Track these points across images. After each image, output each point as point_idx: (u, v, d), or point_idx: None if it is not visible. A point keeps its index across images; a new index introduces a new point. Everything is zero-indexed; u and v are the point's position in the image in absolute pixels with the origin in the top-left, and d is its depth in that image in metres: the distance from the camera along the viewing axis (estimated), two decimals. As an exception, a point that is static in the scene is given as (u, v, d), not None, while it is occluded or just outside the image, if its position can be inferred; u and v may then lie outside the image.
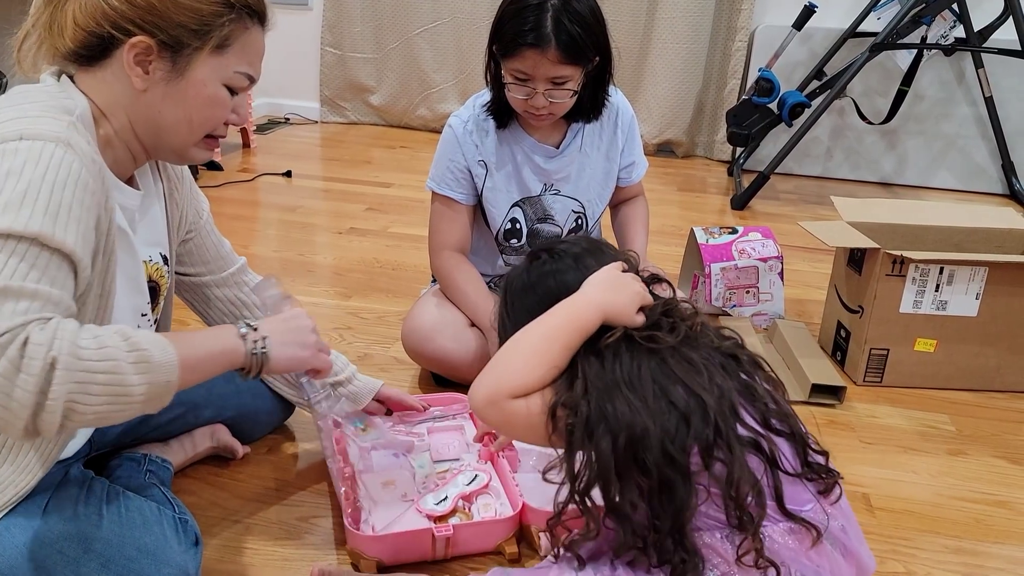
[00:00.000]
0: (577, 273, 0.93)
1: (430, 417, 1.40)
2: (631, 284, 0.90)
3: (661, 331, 0.86)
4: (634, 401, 0.81)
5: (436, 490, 1.20)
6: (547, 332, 0.87)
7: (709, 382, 0.83)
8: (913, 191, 3.47)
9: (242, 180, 3.01)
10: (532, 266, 0.96)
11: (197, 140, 0.98)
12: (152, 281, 1.07)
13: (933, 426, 1.57)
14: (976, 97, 3.29)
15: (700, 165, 3.72)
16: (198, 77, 0.93)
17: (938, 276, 1.62)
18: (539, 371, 0.85)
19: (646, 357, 0.84)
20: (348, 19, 3.91)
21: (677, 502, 0.80)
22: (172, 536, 0.99)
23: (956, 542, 1.24)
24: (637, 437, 0.79)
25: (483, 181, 1.56)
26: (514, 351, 0.88)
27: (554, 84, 1.38)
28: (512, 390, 0.85)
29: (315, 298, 2.01)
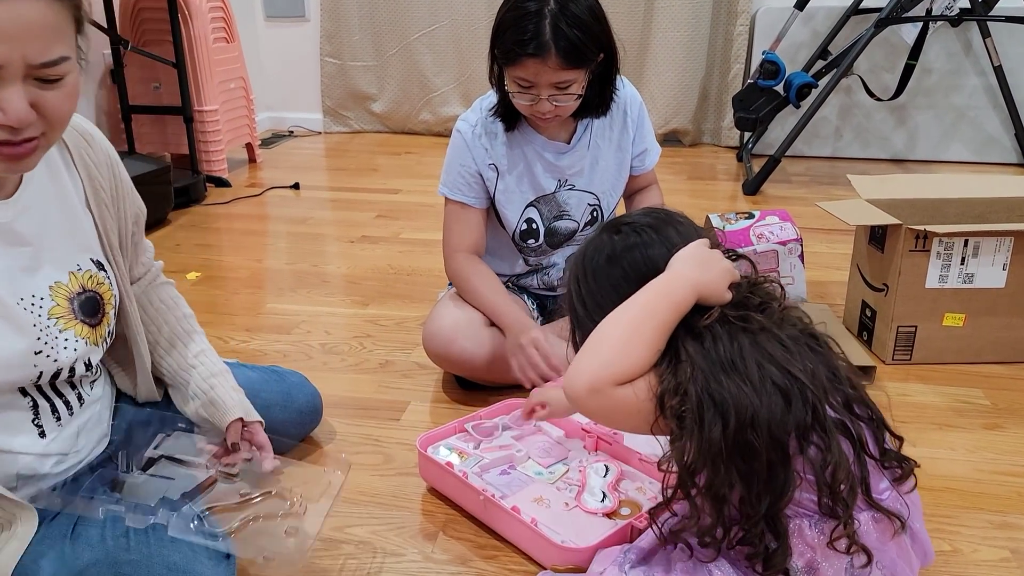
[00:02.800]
0: (662, 247, 0.89)
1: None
2: (720, 260, 0.87)
3: (752, 310, 0.84)
4: (741, 383, 0.78)
5: (581, 492, 1.20)
6: (643, 312, 0.83)
7: (803, 363, 0.80)
8: (926, 166, 3.44)
9: (251, 195, 3.01)
10: (616, 240, 0.92)
11: None
12: (87, 291, 0.98)
13: (967, 401, 1.55)
14: (985, 67, 3.25)
15: (708, 152, 3.69)
16: None
17: (963, 249, 1.60)
18: (641, 353, 0.81)
19: (742, 337, 0.81)
20: (346, 28, 3.91)
21: (777, 486, 0.77)
22: (202, 552, 0.97)
23: (1001, 517, 1.22)
24: (747, 420, 0.77)
25: (495, 184, 1.55)
26: (612, 334, 0.83)
27: (558, 89, 1.38)
28: (616, 376, 0.81)
29: (332, 308, 2.01)
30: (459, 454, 1.29)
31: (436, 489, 1.27)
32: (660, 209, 0.98)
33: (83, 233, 1.01)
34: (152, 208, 2.78)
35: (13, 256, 0.91)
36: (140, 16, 2.99)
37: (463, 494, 1.21)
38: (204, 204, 2.89)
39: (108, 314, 1.02)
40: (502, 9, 1.39)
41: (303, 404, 1.36)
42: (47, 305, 0.94)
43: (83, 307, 0.99)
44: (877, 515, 0.81)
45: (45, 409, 0.97)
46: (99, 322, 1.00)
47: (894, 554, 0.82)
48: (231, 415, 1.09)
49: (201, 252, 2.42)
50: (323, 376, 1.62)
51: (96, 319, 1.00)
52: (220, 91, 3.13)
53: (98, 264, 1.02)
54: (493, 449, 1.31)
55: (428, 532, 1.19)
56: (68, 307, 0.96)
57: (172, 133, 3.11)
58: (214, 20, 3.10)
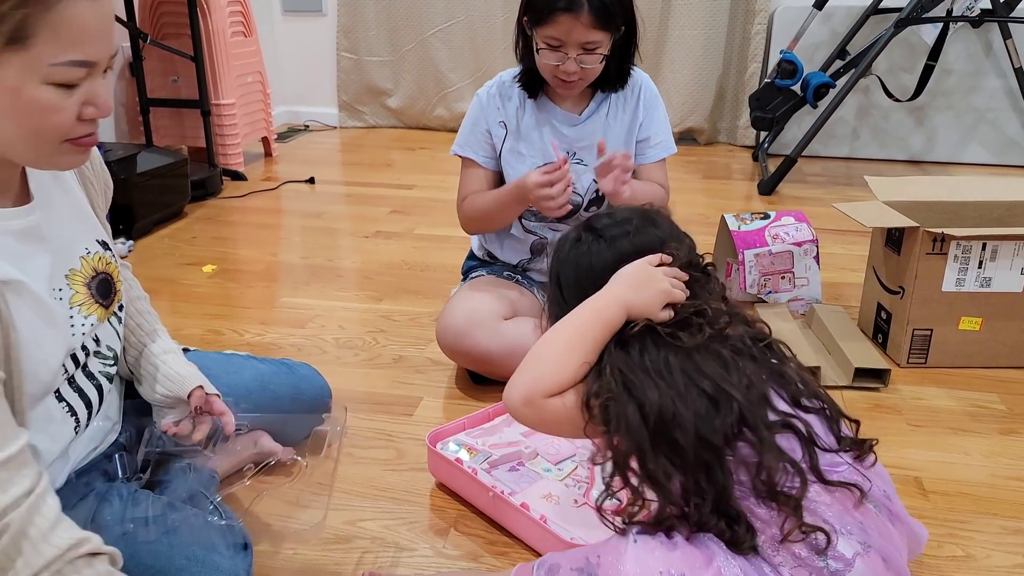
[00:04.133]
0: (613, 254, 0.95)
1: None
2: (657, 282, 0.90)
3: (685, 331, 0.87)
4: (663, 386, 0.83)
5: (590, 488, 1.21)
6: (575, 329, 0.90)
7: (738, 376, 0.84)
8: (944, 167, 3.41)
9: (266, 189, 3.02)
10: (581, 247, 0.97)
11: (50, 150, 0.82)
12: (101, 273, 0.99)
13: (982, 405, 1.54)
14: (1005, 69, 3.22)
15: (723, 151, 3.68)
16: (8, 84, 0.76)
17: (980, 252, 1.58)
18: (571, 367, 0.88)
19: (673, 350, 0.86)
20: (363, 23, 3.91)
21: (716, 483, 0.81)
22: (220, 543, 0.98)
23: (1015, 523, 1.21)
24: (668, 417, 0.81)
25: (502, 142, 1.60)
26: (545, 350, 0.91)
27: (585, 50, 1.44)
28: (547, 389, 0.88)
29: (346, 303, 2.01)
30: (468, 450, 1.30)
31: (445, 485, 1.28)
32: (640, 211, 1.00)
33: (85, 216, 1.01)
34: (169, 200, 2.82)
35: (44, 257, 0.92)
36: (159, 10, 3.01)
37: (472, 490, 1.22)
38: (220, 197, 2.90)
39: (119, 291, 1.03)
40: None
41: (313, 397, 1.36)
42: (67, 294, 0.95)
43: (99, 289, 0.99)
44: (834, 489, 0.84)
45: (79, 405, 0.98)
46: (111, 302, 1.01)
47: (861, 521, 0.84)
48: (191, 383, 1.09)
49: (217, 245, 2.43)
50: (336, 371, 1.63)
51: (109, 299, 1.01)
52: (237, 85, 3.15)
53: (103, 244, 1.02)
54: (502, 445, 1.31)
55: (440, 527, 1.19)
56: (87, 292, 0.97)
57: (189, 126, 3.13)
58: (232, 14, 3.11)
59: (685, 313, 0.89)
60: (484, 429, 1.37)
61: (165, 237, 2.49)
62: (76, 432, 0.98)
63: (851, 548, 0.82)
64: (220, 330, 1.85)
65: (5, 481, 0.74)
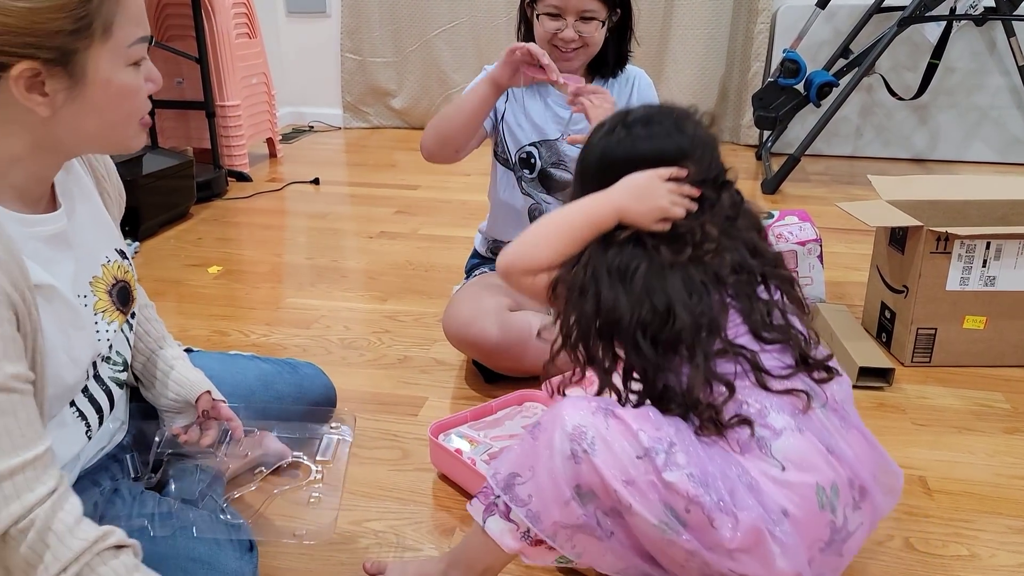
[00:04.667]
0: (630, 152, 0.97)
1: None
2: (658, 198, 0.92)
3: (670, 246, 0.91)
4: (619, 289, 0.89)
5: None
6: (564, 222, 0.96)
7: (697, 300, 0.89)
8: (948, 166, 3.40)
9: (271, 190, 3.03)
10: (610, 137, 0.98)
11: (132, 131, 0.88)
12: (120, 281, 1.01)
13: (987, 405, 1.54)
14: (1009, 67, 3.21)
15: (727, 151, 3.66)
16: (101, 76, 0.80)
17: (985, 251, 1.58)
18: (548, 255, 0.95)
19: (647, 261, 0.91)
20: (367, 24, 3.92)
21: (649, 383, 0.90)
22: (226, 543, 0.99)
23: (1020, 522, 1.21)
24: (613, 320, 0.89)
25: (504, 105, 1.63)
26: (535, 233, 0.98)
27: (583, 19, 1.49)
28: (524, 268, 0.97)
29: (350, 303, 2.02)
30: (469, 441, 1.32)
31: (446, 476, 1.30)
32: (677, 115, 0.99)
33: (105, 225, 1.03)
34: (174, 202, 2.83)
35: (70, 263, 0.93)
36: (164, 12, 3.02)
37: (471, 480, 1.24)
38: (225, 198, 2.91)
39: (135, 299, 1.05)
40: None
41: (316, 396, 1.37)
42: (91, 300, 0.96)
43: (119, 297, 1.01)
44: (784, 396, 0.88)
45: (90, 411, 0.99)
46: (129, 309, 1.03)
47: (819, 423, 0.89)
48: (199, 388, 1.11)
49: (222, 246, 2.44)
50: (342, 371, 1.63)
51: (127, 307, 1.02)
52: (242, 86, 3.16)
53: (120, 253, 1.03)
54: (503, 438, 1.33)
55: (445, 528, 1.20)
56: (108, 300, 0.99)
57: (194, 128, 3.14)
58: (236, 16, 3.12)
59: (677, 231, 0.92)
60: (487, 422, 1.38)
61: (171, 238, 2.50)
62: (88, 437, 0.99)
63: (781, 422, 0.86)
64: (226, 331, 1.86)
65: (32, 480, 0.75)
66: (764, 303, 0.93)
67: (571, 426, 0.84)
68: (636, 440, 0.83)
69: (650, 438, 0.83)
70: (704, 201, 0.94)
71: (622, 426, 0.84)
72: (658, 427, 0.84)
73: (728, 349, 0.89)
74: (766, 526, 0.82)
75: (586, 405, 0.86)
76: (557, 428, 0.85)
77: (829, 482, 0.86)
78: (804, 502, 0.84)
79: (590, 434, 0.83)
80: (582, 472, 0.83)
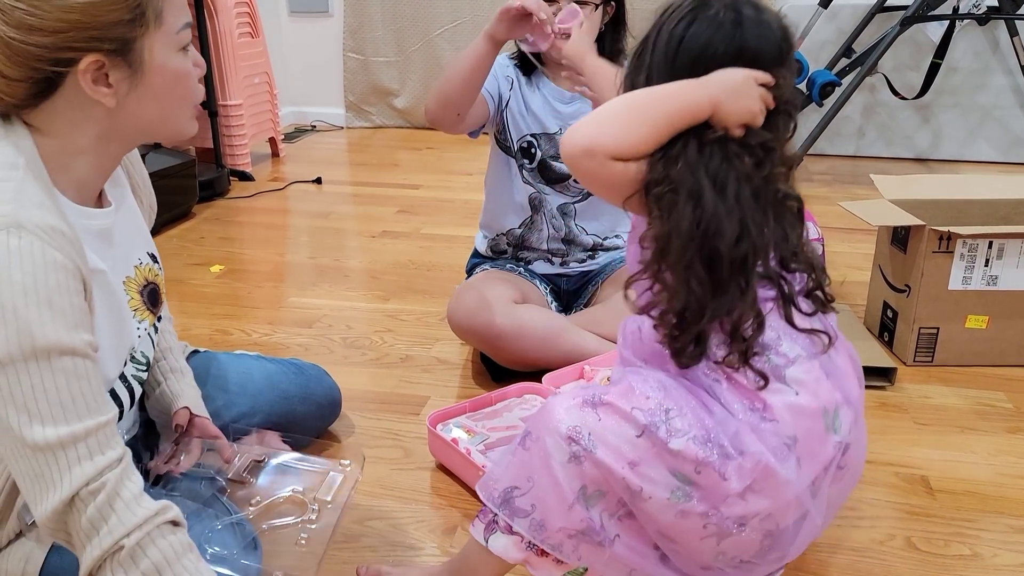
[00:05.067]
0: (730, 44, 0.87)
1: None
2: (751, 100, 0.85)
3: (750, 156, 0.86)
4: (720, 199, 0.83)
5: None
6: (658, 101, 0.86)
7: (762, 220, 0.85)
8: (950, 165, 3.40)
9: (273, 189, 3.04)
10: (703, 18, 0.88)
11: (188, 116, 0.92)
12: (151, 283, 1.02)
13: (989, 404, 1.53)
14: (1012, 66, 3.21)
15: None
16: (157, 62, 0.84)
17: (987, 251, 1.58)
18: (642, 135, 0.85)
19: (734, 170, 0.85)
20: (369, 24, 3.92)
21: (720, 305, 0.83)
22: (231, 541, 0.99)
23: (1022, 522, 1.21)
24: (713, 230, 0.82)
25: (508, 95, 1.63)
26: (620, 110, 0.87)
27: (578, 1, 1.46)
28: (612, 148, 0.84)
29: (352, 302, 2.02)
30: (467, 431, 1.33)
31: (444, 466, 1.32)
32: (782, 23, 0.91)
33: (140, 227, 1.05)
34: (177, 201, 2.83)
35: (111, 256, 0.95)
36: (166, 11, 3.02)
37: (466, 469, 1.26)
38: (228, 198, 2.92)
39: (163, 303, 1.07)
40: None
41: (322, 397, 1.38)
42: (125, 299, 0.98)
43: (150, 298, 1.02)
44: (805, 335, 0.87)
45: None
46: (158, 311, 1.05)
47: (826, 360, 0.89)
48: (180, 403, 1.11)
49: (224, 245, 2.45)
50: (344, 370, 1.64)
51: (157, 309, 1.04)
52: (244, 86, 3.16)
53: (152, 256, 1.06)
54: (500, 429, 1.34)
55: (446, 526, 1.20)
56: (140, 300, 1.00)
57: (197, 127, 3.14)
58: (239, 15, 3.12)
59: (755, 140, 0.86)
60: (485, 413, 1.40)
61: (173, 237, 2.50)
62: None
63: (795, 351, 0.86)
64: (228, 330, 1.86)
65: (104, 443, 0.78)
66: (794, 235, 0.90)
67: (565, 428, 0.83)
68: (632, 420, 0.82)
69: (644, 413, 0.82)
70: (778, 116, 0.89)
71: (613, 411, 0.83)
72: (647, 395, 0.84)
73: (768, 275, 0.86)
74: (772, 459, 0.82)
75: (572, 403, 0.85)
76: (551, 433, 0.84)
77: (834, 405, 0.87)
78: (814, 426, 0.85)
79: (585, 432, 0.83)
80: (586, 471, 0.83)
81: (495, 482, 0.89)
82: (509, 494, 0.88)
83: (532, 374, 1.53)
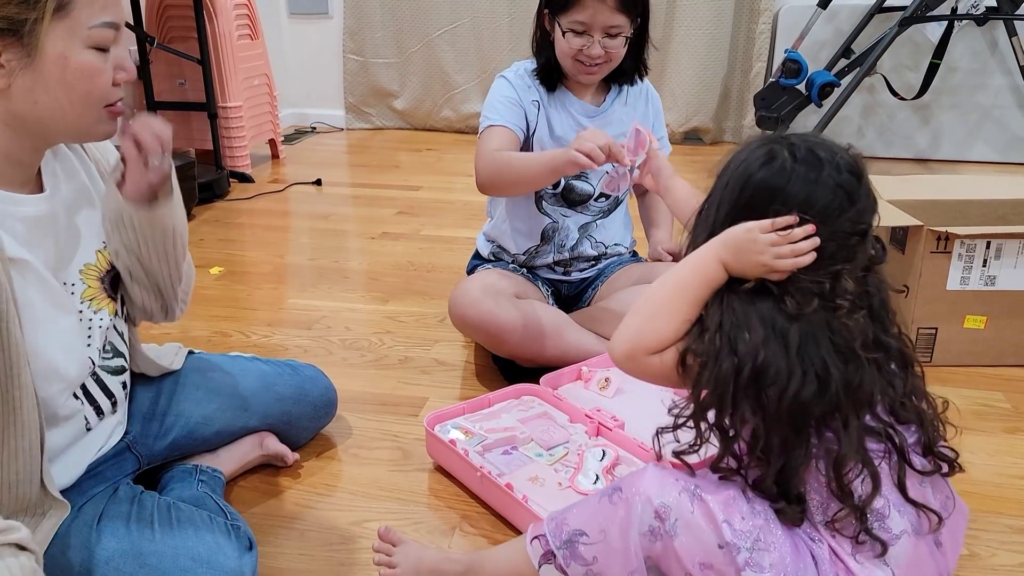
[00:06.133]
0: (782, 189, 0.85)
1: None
2: (756, 254, 0.83)
3: (794, 296, 0.82)
4: (768, 336, 0.80)
5: (576, 473, 1.23)
6: (677, 285, 0.88)
7: (854, 368, 0.81)
8: (949, 166, 3.40)
9: (273, 191, 3.04)
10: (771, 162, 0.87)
11: (93, 117, 0.89)
12: (113, 269, 1.01)
13: (987, 404, 1.54)
14: (1011, 66, 3.21)
15: (728, 151, 3.67)
16: (54, 52, 0.83)
17: (985, 251, 1.58)
18: (672, 326, 0.87)
19: (779, 314, 0.82)
20: (369, 25, 3.93)
21: (790, 455, 0.80)
22: (225, 543, 0.99)
23: (1020, 522, 1.21)
24: (766, 371, 0.79)
25: (535, 121, 1.60)
26: (649, 308, 0.90)
27: (609, 34, 1.47)
28: (648, 347, 0.87)
29: (352, 303, 2.03)
30: (465, 432, 1.33)
31: (442, 467, 1.32)
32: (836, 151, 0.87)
33: (98, 212, 1.02)
34: (177, 204, 2.79)
35: (51, 247, 0.94)
36: (166, 13, 3.03)
37: (463, 471, 1.27)
38: (227, 199, 2.92)
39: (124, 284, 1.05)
40: None
41: (317, 398, 1.37)
42: (79, 289, 0.96)
43: (112, 284, 1.01)
44: (912, 508, 0.82)
45: (90, 412, 1.00)
46: (118, 295, 1.03)
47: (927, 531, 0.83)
48: None
49: (224, 247, 2.45)
50: (343, 372, 1.64)
51: (117, 293, 1.03)
52: (244, 87, 3.16)
53: None
54: (498, 430, 1.34)
55: (445, 528, 1.20)
56: (100, 287, 0.99)
57: (196, 129, 3.15)
58: (239, 17, 3.13)
59: (799, 283, 0.82)
60: (483, 414, 1.40)
61: (173, 239, 2.50)
62: (87, 430, 0.99)
63: (900, 525, 0.81)
64: (227, 331, 1.87)
65: None
66: (897, 376, 0.85)
67: (656, 504, 0.81)
68: (718, 531, 0.79)
69: (734, 532, 0.79)
70: (837, 251, 0.83)
71: (706, 513, 0.80)
72: (744, 516, 0.80)
73: (879, 428, 0.81)
74: None
75: (673, 483, 0.83)
76: (640, 500, 0.82)
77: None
78: None
79: (673, 516, 0.81)
80: (657, 549, 0.82)
81: (566, 522, 0.88)
82: (576, 538, 0.87)
83: (532, 373, 1.53)
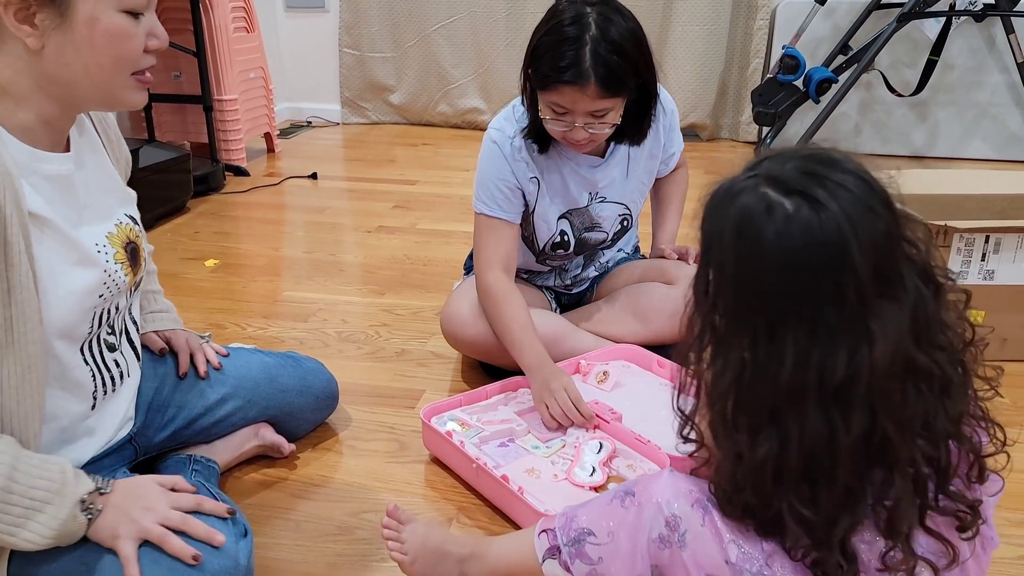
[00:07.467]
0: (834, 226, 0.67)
1: None
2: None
3: None
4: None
5: (573, 466, 1.23)
6: None
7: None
8: (947, 163, 3.40)
9: (269, 184, 3.03)
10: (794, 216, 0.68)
11: (121, 82, 0.90)
12: (131, 242, 1.02)
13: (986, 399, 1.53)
14: (1008, 63, 3.21)
15: (726, 147, 3.67)
16: (86, 14, 0.84)
17: (984, 245, 1.58)
18: None
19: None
20: (365, 19, 3.91)
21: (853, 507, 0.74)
22: (220, 528, 0.98)
23: (1019, 515, 1.21)
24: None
25: (535, 198, 1.49)
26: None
27: (594, 117, 1.32)
28: None
29: (348, 296, 2.02)
30: (461, 424, 1.33)
31: (438, 459, 1.32)
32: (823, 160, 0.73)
33: (117, 189, 1.05)
34: (171, 196, 2.82)
35: (75, 207, 0.95)
36: (162, 5, 3.01)
37: (459, 462, 1.26)
38: (223, 192, 2.91)
39: (141, 265, 1.06)
40: (539, 31, 1.32)
41: (320, 389, 1.37)
42: (111, 252, 0.98)
43: (131, 256, 1.02)
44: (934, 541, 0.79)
45: (98, 381, 1.00)
46: (137, 271, 1.04)
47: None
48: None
49: (219, 240, 2.44)
50: (339, 364, 1.63)
51: (137, 268, 1.04)
52: (240, 81, 3.15)
53: (132, 218, 1.05)
54: (495, 422, 1.34)
55: (441, 519, 1.20)
56: (124, 255, 1.00)
57: (192, 122, 3.13)
58: (234, 10, 3.11)
59: None
60: (480, 407, 1.40)
61: (168, 232, 2.49)
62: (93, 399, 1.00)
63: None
64: (223, 324, 1.86)
65: None
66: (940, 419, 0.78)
67: (670, 511, 0.80)
68: (723, 550, 0.77)
69: (739, 555, 0.77)
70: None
71: (714, 531, 0.78)
72: (753, 543, 0.77)
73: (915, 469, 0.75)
74: None
75: (687, 493, 0.80)
76: (652, 507, 0.81)
77: None
78: None
79: (683, 527, 0.79)
80: (664, 557, 0.80)
81: (576, 519, 0.87)
82: (583, 536, 0.86)
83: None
